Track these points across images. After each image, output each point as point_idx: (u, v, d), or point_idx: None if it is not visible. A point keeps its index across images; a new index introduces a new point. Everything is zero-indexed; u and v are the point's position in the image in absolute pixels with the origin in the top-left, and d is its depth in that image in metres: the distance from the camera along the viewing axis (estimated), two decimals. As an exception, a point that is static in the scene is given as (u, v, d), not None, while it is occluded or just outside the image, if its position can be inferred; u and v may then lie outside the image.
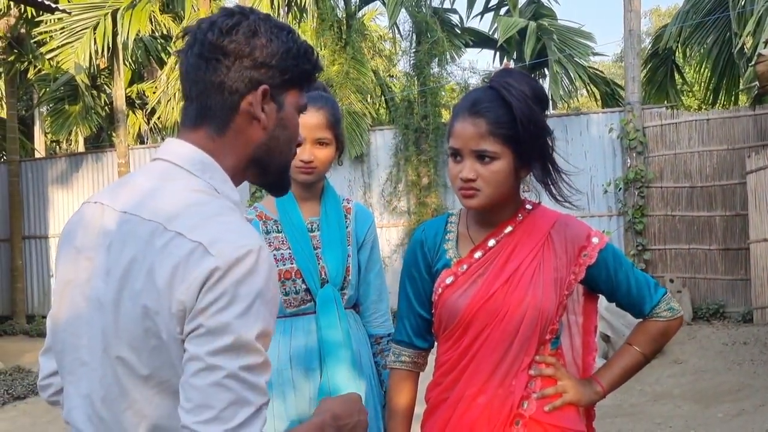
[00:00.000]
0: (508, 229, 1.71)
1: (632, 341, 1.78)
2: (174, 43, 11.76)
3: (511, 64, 11.20)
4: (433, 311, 1.76)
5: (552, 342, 1.71)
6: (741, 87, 9.81)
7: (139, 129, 16.05)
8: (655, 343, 1.77)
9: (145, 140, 15.48)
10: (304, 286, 2.12)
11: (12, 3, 11.27)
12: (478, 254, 1.71)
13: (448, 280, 1.71)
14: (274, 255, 2.16)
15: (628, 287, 1.72)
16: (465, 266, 1.71)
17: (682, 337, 7.36)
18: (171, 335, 1.10)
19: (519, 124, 1.59)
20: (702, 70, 10.62)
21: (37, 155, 15.81)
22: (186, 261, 1.09)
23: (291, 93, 1.27)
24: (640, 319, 1.79)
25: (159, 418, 1.14)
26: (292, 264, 2.14)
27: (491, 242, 1.71)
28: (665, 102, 10.37)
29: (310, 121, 2.11)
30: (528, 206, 1.75)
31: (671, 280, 8.75)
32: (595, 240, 1.70)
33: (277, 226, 2.18)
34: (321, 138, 2.13)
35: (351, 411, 1.40)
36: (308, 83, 1.30)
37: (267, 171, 1.30)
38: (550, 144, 1.67)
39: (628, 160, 9.05)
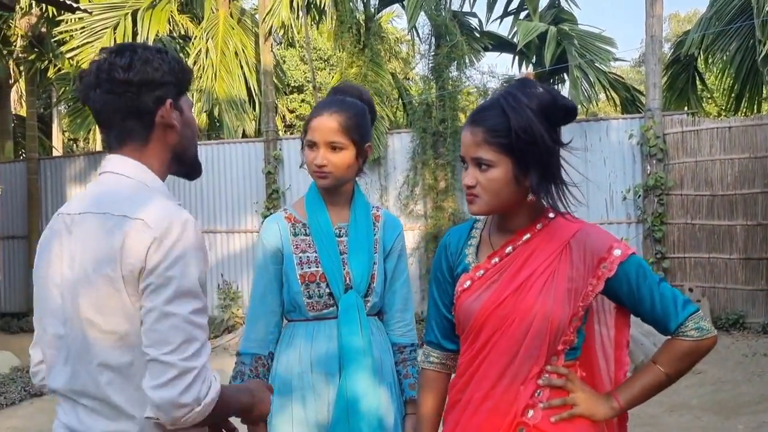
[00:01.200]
0: (526, 236, 1.70)
1: (656, 359, 1.70)
2: (192, 43, 11.82)
3: (530, 70, 11.15)
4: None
5: (567, 353, 1.67)
6: (765, 95, 9.70)
7: (157, 129, 16.10)
8: (680, 363, 1.67)
9: (163, 140, 15.55)
10: (327, 290, 2.12)
11: (34, 2, 11.37)
12: (495, 260, 1.72)
13: (466, 284, 1.73)
14: (300, 258, 2.15)
15: (651, 303, 1.65)
16: (482, 271, 1.72)
17: (701, 347, 7.26)
18: (128, 294, 1.42)
19: (513, 133, 1.60)
20: (724, 77, 10.51)
21: (55, 153, 15.93)
22: (131, 234, 1.42)
23: (183, 98, 1.61)
24: (668, 337, 1.71)
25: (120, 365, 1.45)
26: (317, 267, 2.13)
27: (508, 249, 1.71)
28: (686, 109, 10.28)
29: (322, 125, 2.12)
30: (551, 215, 1.71)
31: (690, 289, 8.65)
32: (616, 252, 1.65)
33: (305, 230, 2.19)
34: (333, 142, 2.12)
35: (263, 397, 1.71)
36: (189, 87, 1.64)
37: (184, 161, 1.64)
38: (551, 155, 1.64)
39: (648, 167, 8.96)
